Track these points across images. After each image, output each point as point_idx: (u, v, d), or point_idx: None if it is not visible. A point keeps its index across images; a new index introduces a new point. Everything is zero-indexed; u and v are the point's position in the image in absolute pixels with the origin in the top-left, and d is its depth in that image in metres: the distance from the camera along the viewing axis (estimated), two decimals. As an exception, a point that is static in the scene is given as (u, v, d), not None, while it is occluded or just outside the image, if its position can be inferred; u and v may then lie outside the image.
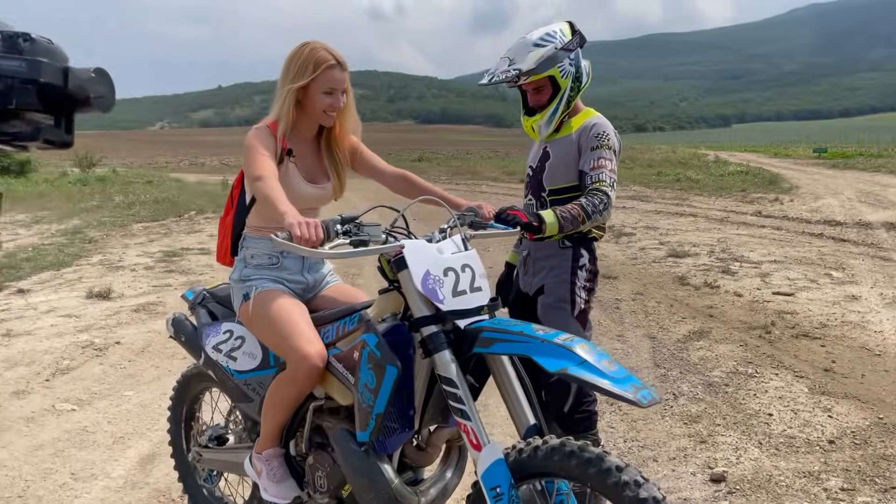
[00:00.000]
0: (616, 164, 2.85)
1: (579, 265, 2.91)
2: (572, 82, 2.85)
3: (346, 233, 2.12)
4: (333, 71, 2.44)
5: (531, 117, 2.95)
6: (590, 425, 2.92)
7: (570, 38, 2.85)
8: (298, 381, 2.32)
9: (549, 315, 2.90)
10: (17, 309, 6.54)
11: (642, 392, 1.83)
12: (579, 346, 1.93)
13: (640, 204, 16.39)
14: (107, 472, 3.53)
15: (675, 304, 6.68)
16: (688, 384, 4.58)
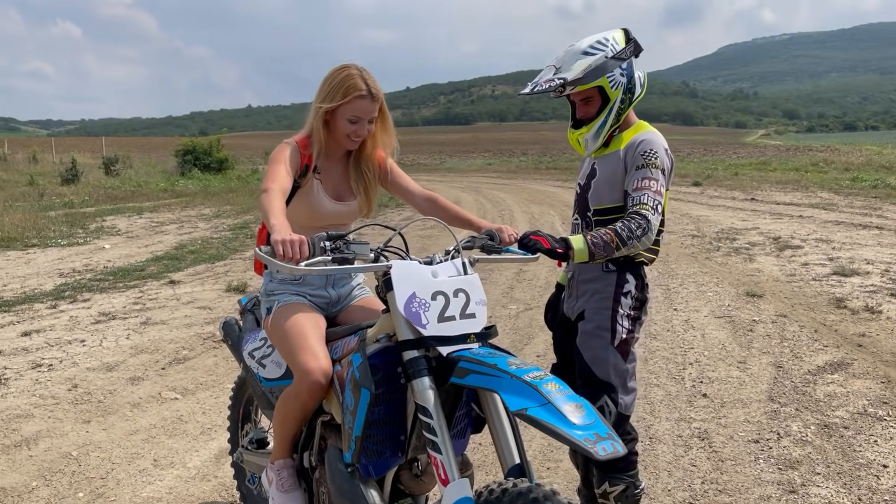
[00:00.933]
0: (663, 185, 2.58)
1: (623, 291, 2.68)
2: (623, 94, 2.63)
3: (333, 249, 2.09)
4: (362, 101, 2.44)
5: (577, 130, 2.75)
6: (626, 466, 2.69)
7: (624, 46, 2.62)
8: (301, 395, 2.33)
9: (587, 342, 2.70)
10: (164, 298, 7.19)
11: (603, 443, 1.66)
12: (549, 386, 1.78)
13: (820, 213, 14.90)
14: (184, 462, 3.75)
15: (821, 330, 5.99)
16: (799, 423, 4.08)
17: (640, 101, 2.73)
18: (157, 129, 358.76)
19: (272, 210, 2.20)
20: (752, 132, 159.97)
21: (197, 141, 30.57)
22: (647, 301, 2.76)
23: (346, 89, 2.42)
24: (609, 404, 2.63)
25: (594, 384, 2.66)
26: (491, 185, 24.81)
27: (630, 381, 2.70)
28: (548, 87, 2.64)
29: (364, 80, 2.44)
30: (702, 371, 5.03)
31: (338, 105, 2.44)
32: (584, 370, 2.69)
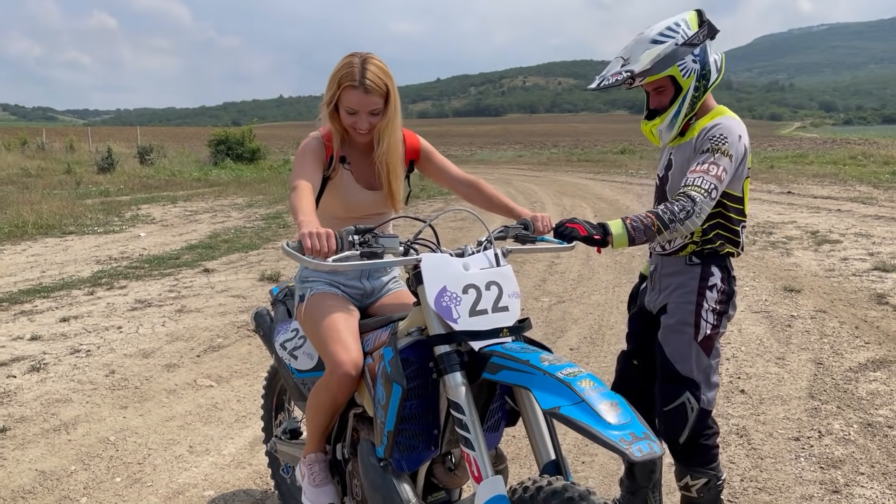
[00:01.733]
0: (726, 171, 2.43)
1: (709, 285, 2.58)
2: (697, 81, 2.50)
3: (362, 244, 2.06)
4: (353, 92, 2.33)
5: (651, 121, 2.64)
6: (707, 460, 2.65)
7: (696, 30, 2.50)
8: (332, 387, 2.32)
9: (670, 337, 2.62)
10: (198, 287, 7.26)
11: (639, 444, 1.61)
12: (583, 383, 1.73)
13: (859, 207, 14.58)
14: (219, 449, 3.78)
15: (862, 326, 5.85)
16: (841, 422, 3.99)
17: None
18: (191, 119, 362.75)
19: (300, 207, 2.17)
20: (787, 124, 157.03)
21: (230, 131, 30.81)
22: (734, 294, 2.65)
23: (340, 79, 2.34)
24: (691, 400, 2.57)
25: (676, 380, 2.60)
26: (522, 177, 24.67)
27: (713, 377, 2.64)
28: (615, 80, 2.53)
29: (361, 71, 2.32)
30: (739, 367, 4.93)
31: (333, 95, 2.37)
32: (665, 366, 2.63)
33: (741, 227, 2.61)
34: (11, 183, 18.41)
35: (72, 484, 3.39)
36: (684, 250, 2.59)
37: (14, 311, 6.30)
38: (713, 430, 2.66)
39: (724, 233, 2.57)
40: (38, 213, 12.24)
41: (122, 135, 43.96)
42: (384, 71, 2.37)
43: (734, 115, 2.58)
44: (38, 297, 6.80)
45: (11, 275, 8.04)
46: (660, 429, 2.65)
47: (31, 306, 6.47)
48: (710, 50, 2.52)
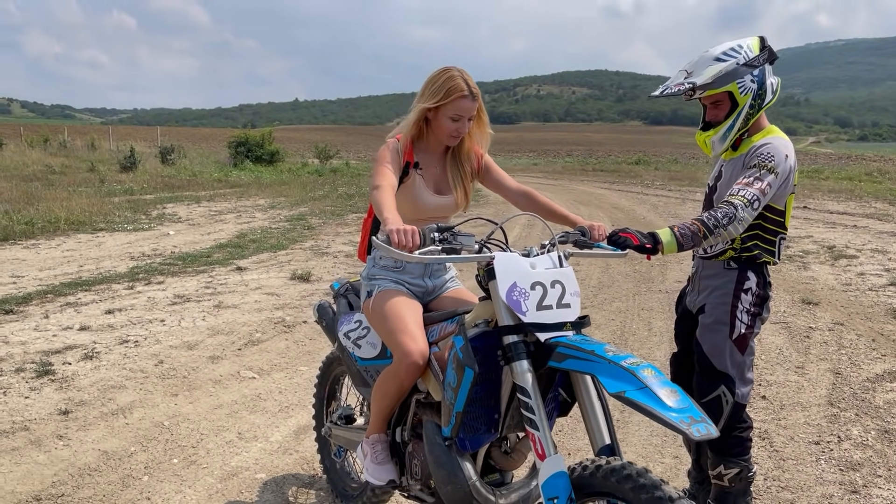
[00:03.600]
0: (770, 186, 2.64)
1: (744, 288, 2.81)
2: (753, 99, 2.73)
3: (442, 240, 2.28)
4: (464, 101, 2.62)
5: (705, 132, 2.87)
6: (741, 451, 2.86)
7: (757, 54, 2.73)
8: (400, 374, 2.53)
9: (706, 335, 2.85)
10: (233, 284, 7.50)
11: (697, 426, 1.81)
12: (645, 372, 1.93)
13: (875, 224, 14.68)
14: (266, 436, 4.00)
15: (879, 339, 6.01)
16: (860, 428, 4.16)
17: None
18: (207, 120, 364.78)
19: (385, 204, 2.39)
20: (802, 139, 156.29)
21: (250, 133, 31.19)
22: (768, 298, 2.86)
23: (450, 89, 2.60)
24: (726, 394, 2.79)
25: (712, 375, 2.81)
26: (537, 185, 24.83)
27: (748, 373, 2.85)
28: (678, 90, 2.77)
29: (465, 82, 2.62)
30: (760, 374, 5.11)
31: (441, 104, 2.62)
32: (702, 361, 2.85)
33: (780, 238, 2.82)
34: (37, 179, 18.75)
35: (133, 463, 3.62)
36: (723, 255, 2.81)
37: (60, 303, 6.55)
38: (747, 423, 2.86)
39: (762, 243, 2.78)
40: (68, 209, 12.54)
41: (141, 134, 44.46)
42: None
43: (784, 136, 2.79)
44: (80, 290, 7.05)
45: (51, 268, 8.31)
46: None
47: (74, 298, 6.72)
48: (768, 73, 2.74)
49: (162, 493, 3.33)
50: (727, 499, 2.88)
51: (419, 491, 2.64)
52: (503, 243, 2.44)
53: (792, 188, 2.78)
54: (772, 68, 2.78)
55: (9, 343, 5.34)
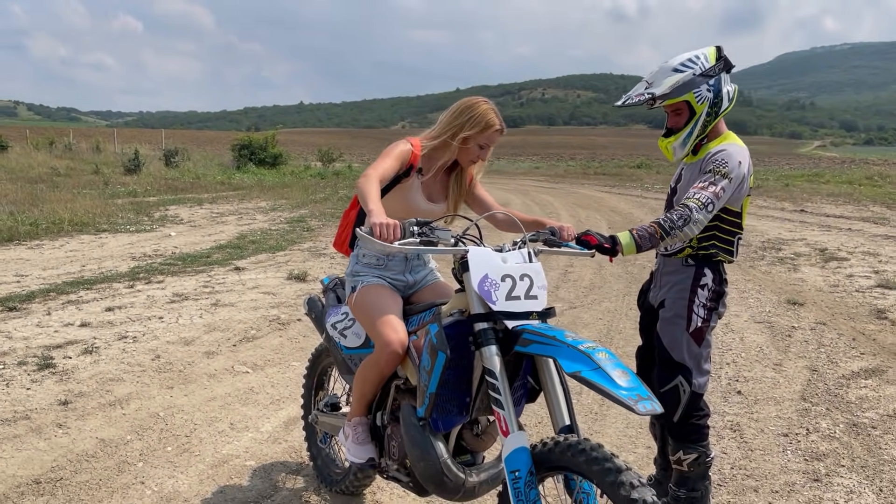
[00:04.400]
0: (724, 190, 2.81)
1: (700, 284, 2.97)
2: (709, 107, 2.89)
3: (421, 234, 2.46)
4: (496, 134, 2.88)
5: (667, 138, 3.05)
6: (698, 438, 3.01)
7: (713, 64, 2.90)
8: (380, 362, 2.71)
9: (665, 328, 3.02)
10: (231, 283, 7.69)
11: (643, 402, 1.98)
12: (600, 355, 2.11)
13: (870, 227, 14.81)
14: (257, 427, 4.17)
15: (859, 339, 6.16)
16: (829, 422, 4.32)
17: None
18: (212, 123, 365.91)
19: (370, 195, 2.55)
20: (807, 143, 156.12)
21: (253, 136, 31.46)
22: (724, 294, 3.03)
23: (487, 122, 2.83)
24: (683, 384, 2.96)
25: (671, 366, 2.99)
26: (538, 189, 25.04)
27: (704, 364, 3.01)
28: (638, 100, 2.96)
29: (498, 118, 2.87)
30: (738, 371, 5.27)
31: (476, 133, 2.84)
32: (662, 353, 3.03)
33: (737, 238, 3.00)
34: (42, 181, 19.01)
35: (129, 451, 3.79)
36: (682, 253, 2.98)
37: (62, 301, 6.75)
38: (704, 412, 3.02)
39: (720, 242, 2.96)
40: (72, 210, 12.76)
41: (146, 137, 44.78)
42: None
43: (740, 142, 2.97)
44: (81, 289, 7.25)
45: (54, 268, 8.51)
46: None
47: (76, 296, 6.92)
48: (724, 82, 2.90)
49: (156, 477, 3.51)
50: (687, 483, 3.04)
51: (396, 471, 2.81)
52: (478, 239, 2.62)
53: (748, 191, 2.95)
54: (728, 76, 2.95)
55: (12, 338, 5.53)
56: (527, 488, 2.15)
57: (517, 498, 2.15)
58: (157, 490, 3.39)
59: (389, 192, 2.90)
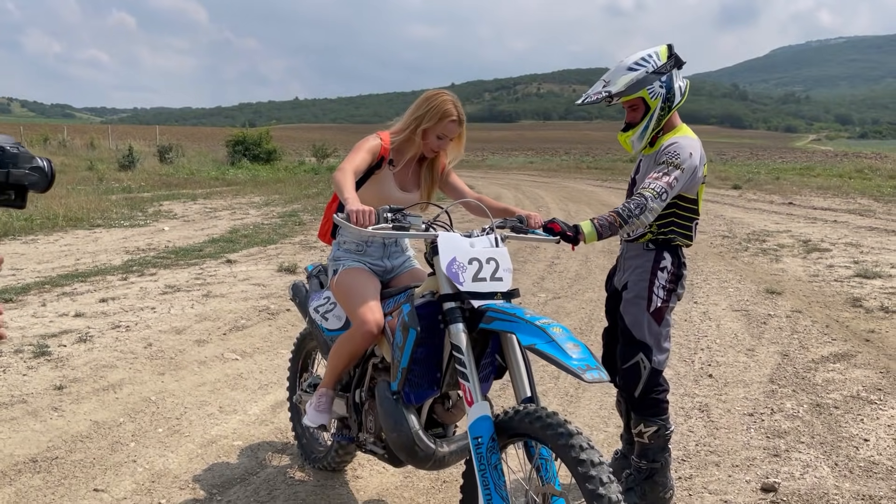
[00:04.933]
0: (678, 180, 3.00)
1: (660, 266, 3.17)
2: (663, 102, 3.08)
3: (394, 220, 2.64)
4: (453, 125, 3.02)
5: (625, 133, 3.23)
6: (658, 412, 3.20)
7: (665, 61, 3.10)
8: (355, 339, 2.91)
9: (628, 308, 3.21)
10: (222, 275, 7.86)
11: (591, 372, 2.16)
12: (554, 329, 2.28)
13: (856, 219, 15.02)
14: (245, 410, 4.35)
15: (833, 326, 6.35)
16: (794, 402, 4.51)
17: (687, 103, 3.22)
18: (207, 119, 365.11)
19: (345, 186, 2.74)
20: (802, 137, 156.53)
21: (247, 132, 31.55)
22: (683, 277, 3.23)
23: (443, 114, 2.99)
24: (644, 360, 3.15)
25: (632, 344, 3.18)
26: (531, 183, 25.22)
27: (664, 343, 3.21)
28: (596, 98, 3.16)
29: (456, 108, 3.02)
30: (711, 356, 5.46)
31: (433, 125, 3.00)
32: (624, 332, 3.23)
33: (694, 223, 3.20)
34: (38, 177, 19.10)
35: (121, 432, 3.97)
36: (643, 238, 3.17)
37: (57, 293, 6.91)
38: (663, 387, 3.21)
39: (678, 228, 3.15)
40: (66, 206, 12.89)
41: (140, 133, 44.85)
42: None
43: (692, 135, 3.17)
44: (76, 281, 7.41)
45: (48, 262, 8.67)
46: (619, 384, 3.26)
47: (70, 289, 7.08)
48: (675, 78, 3.10)
49: (147, 456, 3.68)
50: (647, 454, 3.23)
51: (373, 444, 2.99)
52: (448, 225, 2.80)
53: (702, 179, 3.14)
54: (680, 72, 3.13)
55: (8, 328, 5.70)
56: (488, 453, 2.33)
57: (479, 462, 2.33)
58: (149, 468, 3.56)
59: (364, 183, 3.07)
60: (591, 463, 2.11)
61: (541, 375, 4.91)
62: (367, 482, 3.53)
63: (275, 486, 3.48)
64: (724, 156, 53.00)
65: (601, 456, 2.15)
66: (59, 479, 3.45)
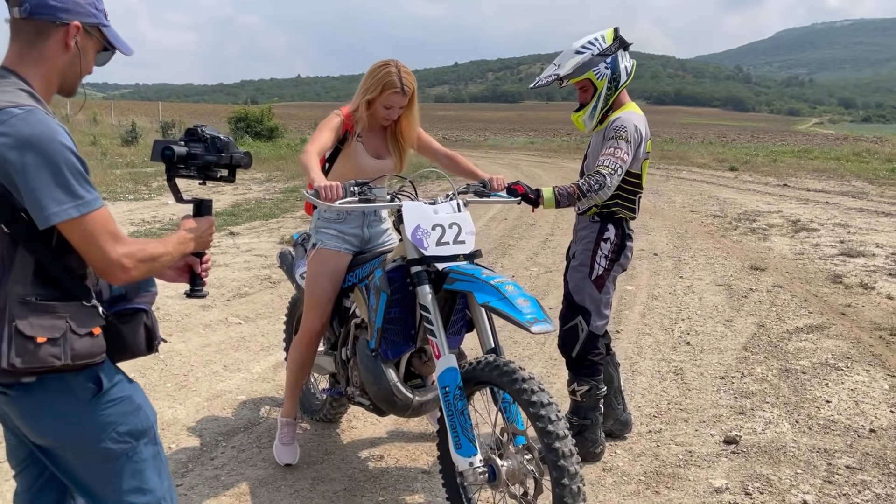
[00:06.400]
0: (628, 153, 3.24)
1: (604, 237, 3.41)
2: (609, 82, 3.32)
3: (360, 193, 2.87)
4: (395, 95, 3.10)
5: (577, 112, 3.48)
6: (592, 373, 3.45)
7: (610, 44, 3.33)
8: (303, 341, 3.29)
9: (572, 275, 3.48)
10: (225, 246, 8.14)
11: (538, 324, 2.43)
12: (507, 287, 2.54)
13: (847, 200, 15.23)
14: (248, 369, 4.63)
15: (811, 300, 6.61)
16: (763, 367, 4.79)
17: (690, 85, 3.49)
18: (209, 96, 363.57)
19: (310, 167, 2.91)
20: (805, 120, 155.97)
21: (249, 109, 31.66)
22: (625, 248, 3.47)
23: (385, 85, 3.08)
24: (582, 324, 3.41)
25: (573, 307, 3.44)
26: (531, 163, 25.39)
27: (604, 309, 3.46)
28: (547, 81, 3.42)
29: (399, 79, 3.05)
30: (691, 326, 5.74)
31: (376, 96, 3.12)
32: (567, 296, 3.49)
33: (637, 196, 3.45)
34: (42, 152, 19.31)
35: (133, 387, 4.26)
36: (589, 211, 3.41)
37: (66, 261, 7.19)
38: (599, 351, 3.47)
39: (622, 201, 3.40)
40: (72, 179, 13.13)
41: (142, 109, 44.90)
42: (412, 77, 3.17)
43: (636, 110, 3.41)
44: (84, 251, 7.69)
45: (57, 232, 8.93)
46: (559, 344, 3.53)
47: (79, 257, 7.36)
48: (621, 59, 3.33)
49: (157, 408, 3.95)
50: (579, 411, 3.48)
51: (359, 396, 3.25)
52: (413, 195, 3.04)
53: (645, 154, 3.40)
54: (627, 53, 3.37)
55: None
56: (455, 400, 2.60)
57: (448, 409, 2.60)
58: (158, 416, 3.85)
59: (337, 158, 3.25)
60: (540, 404, 2.40)
61: (528, 342, 5.20)
62: (360, 432, 3.82)
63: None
64: (724, 138, 53.03)
65: (550, 397, 2.44)
66: None
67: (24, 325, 1.63)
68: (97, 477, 1.81)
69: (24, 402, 1.71)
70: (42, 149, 1.60)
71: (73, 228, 1.64)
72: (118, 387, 1.82)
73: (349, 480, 3.30)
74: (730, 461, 3.50)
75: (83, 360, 1.70)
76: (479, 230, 10.57)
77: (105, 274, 1.71)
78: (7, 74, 1.72)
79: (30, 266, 1.67)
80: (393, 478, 3.34)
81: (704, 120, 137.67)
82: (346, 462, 3.49)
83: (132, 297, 1.90)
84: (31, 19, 1.72)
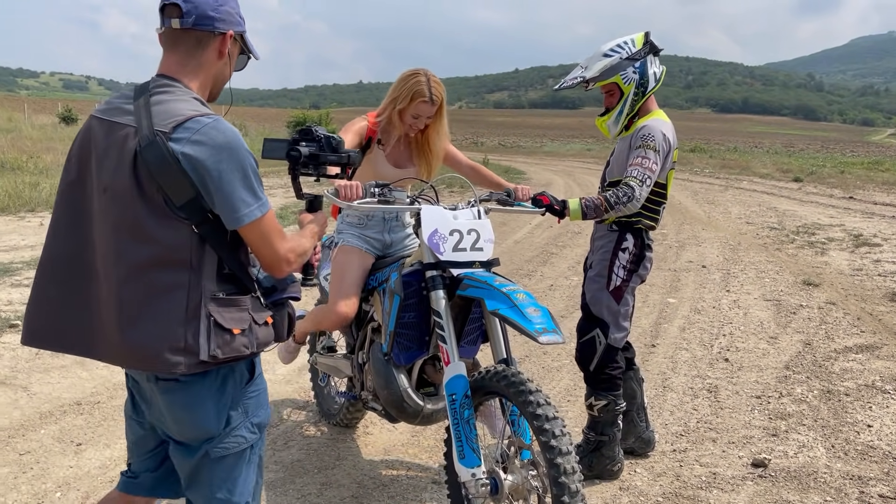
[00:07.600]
0: (656, 163, 3.12)
1: (622, 248, 3.29)
2: (636, 87, 3.21)
3: (380, 195, 2.84)
4: (424, 105, 3.09)
5: (602, 117, 3.38)
6: (610, 387, 3.33)
7: (639, 48, 3.22)
8: (328, 316, 3.22)
9: (589, 285, 3.37)
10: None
11: (547, 335, 2.34)
12: (518, 296, 2.47)
13: (917, 215, 14.58)
14: (273, 370, 4.65)
15: (864, 318, 6.31)
16: (804, 388, 4.57)
17: (759, 93, 3.36)
18: (273, 101, 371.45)
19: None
20: (879, 131, 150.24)
21: (308, 113, 32.26)
22: (644, 258, 3.33)
23: (414, 94, 3.08)
24: (599, 336, 3.29)
25: (590, 319, 3.33)
26: (584, 170, 25.09)
27: (623, 321, 3.33)
28: (572, 83, 3.32)
29: (429, 89, 3.06)
30: (732, 342, 5.53)
31: (406, 105, 3.11)
32: (584, 308, 3.38)
33: (661, 207, 3.31)
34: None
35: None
36: (608, 220, 3.29)
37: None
38: (618, 365, 3.33)
39: (646, 211, 3.26)
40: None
41: (208, 112, 46.07)
42: (441, 86, 3.16)
43: (664, 117, 3.28)
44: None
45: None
46: (576, 357, 3.40)
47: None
48: (650, 64, 3.21)
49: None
50: (596, 427, 3.35)
51: (372, 401, 3.22)
52: (433, 199, 2.99)
53: (671, 164, 3.26)
54: (657, 59, 3.24)
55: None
56: (461, 409, 2.53)
57: (453, 416, 2.53)
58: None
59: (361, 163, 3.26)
60: (545, 417, 2.31)
61: (558, 353, 5.08)
62: (375, 438, 3.79)
63: (291, 437, 3.76)
64: (791, 148, 51.46)
65: (556, 411, 2.35)
66: (99, 420, 3.81)
67: (221, 318, 1.76)
68: (221, 469, 1.89)
69: (180, 394, 1.81)
70: (234, 154, 1.73)
71: (254, 227, 1.78)
72: (260, 378, 1.98)
73: (358, 487, 3.27)
74: (755, 485, 3.33)
75: (263, 347, 1.87)
76: (523, 237, 10.46)
77: (272, 268, 1.88)
78: (175, 83, 1.83)
79: (214, 264, 1.78)
80: (402, 486, 3.29)
81: (772, 129, 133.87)
82: (357, 468, 3.45)
83: (283, 288, 2.03)
84: (192, 30, 1.82)
